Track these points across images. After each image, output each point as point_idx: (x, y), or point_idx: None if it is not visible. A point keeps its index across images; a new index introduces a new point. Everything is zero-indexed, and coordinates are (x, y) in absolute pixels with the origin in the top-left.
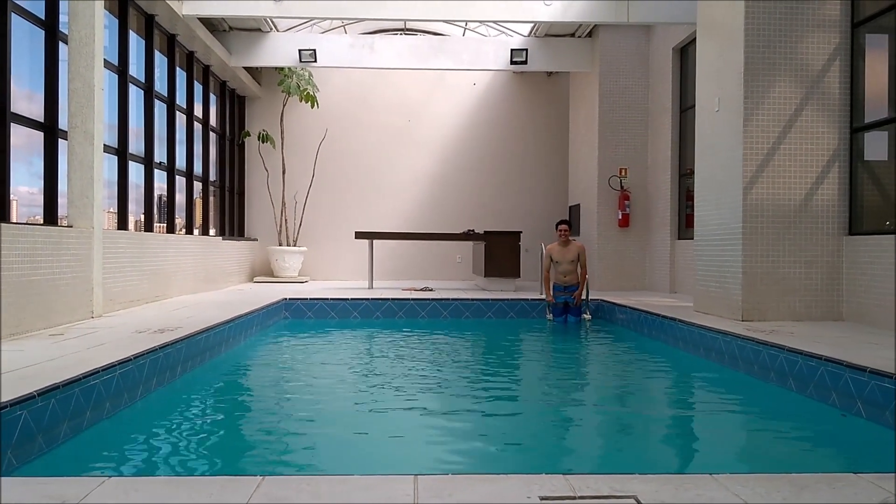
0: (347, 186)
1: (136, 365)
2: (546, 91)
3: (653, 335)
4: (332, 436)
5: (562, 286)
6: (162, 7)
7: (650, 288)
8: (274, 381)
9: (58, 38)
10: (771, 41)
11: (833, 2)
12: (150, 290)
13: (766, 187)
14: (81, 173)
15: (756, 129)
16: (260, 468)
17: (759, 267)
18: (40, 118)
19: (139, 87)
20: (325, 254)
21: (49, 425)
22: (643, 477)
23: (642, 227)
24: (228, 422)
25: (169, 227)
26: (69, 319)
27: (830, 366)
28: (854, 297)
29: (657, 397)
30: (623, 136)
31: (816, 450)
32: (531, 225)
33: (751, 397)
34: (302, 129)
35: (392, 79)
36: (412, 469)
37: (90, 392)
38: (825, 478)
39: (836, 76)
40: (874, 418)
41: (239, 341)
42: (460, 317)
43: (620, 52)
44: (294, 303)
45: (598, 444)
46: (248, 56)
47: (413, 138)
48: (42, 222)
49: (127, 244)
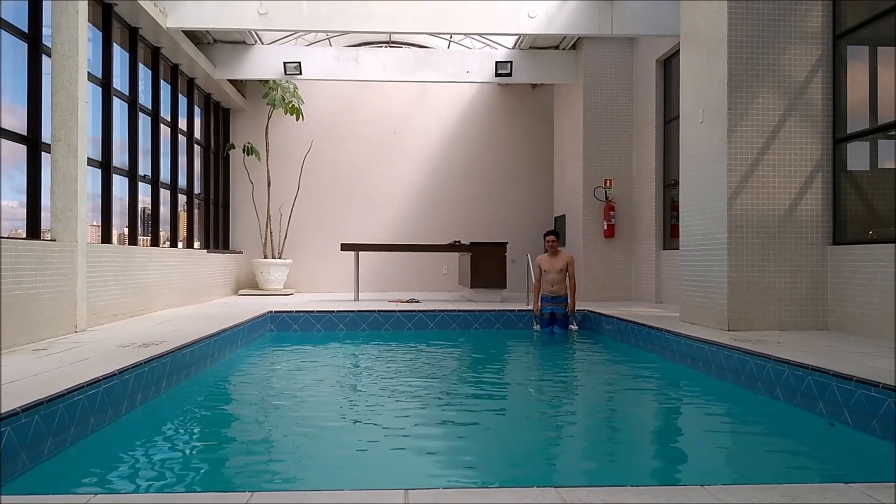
0: (333, 198)
1: (120, 380)
2: (531, 103)
3: (640, 346)
4: (321, 450)
5: (549, 297)
6: (146, 20)
7: (636, 298)
8: (260, 395)
9: (41, 50)
10: (754, 52)
11: (815, 14)
12: (134, 304)
13: (750, 197)
14: (65, 187)
15: (740, 139)
16: (249, 484)
17: (744, 277)
18: (23, 131)
19: (123, 99)
20: (310, 266)
21: (33, 442)
22: (635, 489)
23: (628, 238)
24: (215, 437)
25: (153, 240)
26: (52, 334)
27: (817, 375)
28: (838, 307)
29: (646, 408)
30: (608, 148)
31: (805, 459)
32: (517, 236)
33: (739, 407)
34: (287, 141)
35: (377, 91)
36: (402, 483)
37: (74, 408)
38: (816, 488)
39: (819, 87)
40: (861, 427)
41: (224, 355)
42: (447, 328)
43: (604, 64)
44: (279, 316)
45: (588, 456)
46: (233, 69)
47: (398, 150)
48: (25, 236)
49: (111, 258)
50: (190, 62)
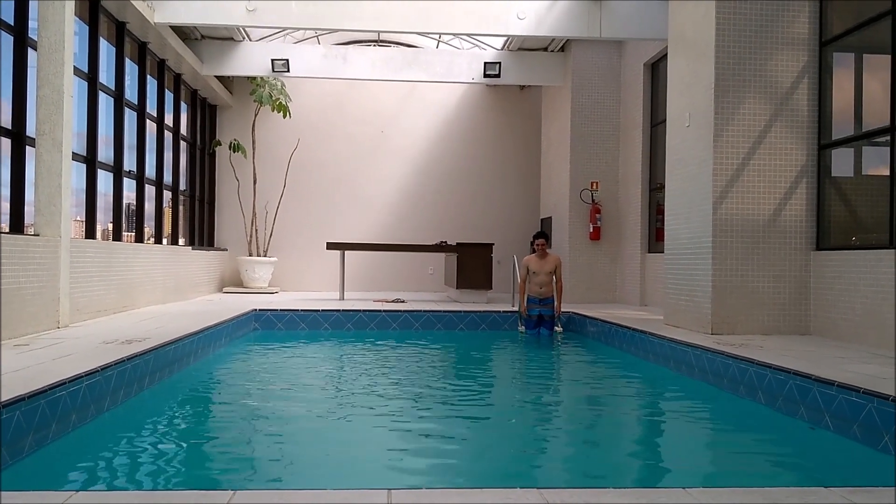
0: (319, 197)
1: (103, 376)
2: (519, 104)
3: (623, 348)
4: (303, 449)
5: (536, 298)
6: (133, 14)
7: (620, 301)
8: (243, 392)
9: (27, 43)
10: (741, 58)
11: (802, 20)
12: (117, 301)
13: (735, 202)
14: (49, 181)
15: (726, 144)
16: (231, 482)
17: (728, 281)
18: (7, 125)
19: (109, 94)
20: (295, 264)
21: (14, 438)
22: (617, 491)
23: (613, 240)
24: (198, 435)
25: (138, 236)
26: (34, 330)
27: (799, 379)
28: (821, 312)
29: (629, 411)
30: (595, 150)
31: (786, 463)
32: (503, 237)
33: (721, 410)
34: (274, 138)
35: (365, 90)
36: (385, 483)
37: (56, 404)
38: (797, 491)
39: (805, 93)
40: (842, 432)
41: (208, 353)
42: (432, 328)
43: (592, 66)
44: (264, 314)
45: (571, 457)
46: (221, 65)
47: (386, 149)
48: (8, 230)
49: (94, 253)
50: (177, 58)
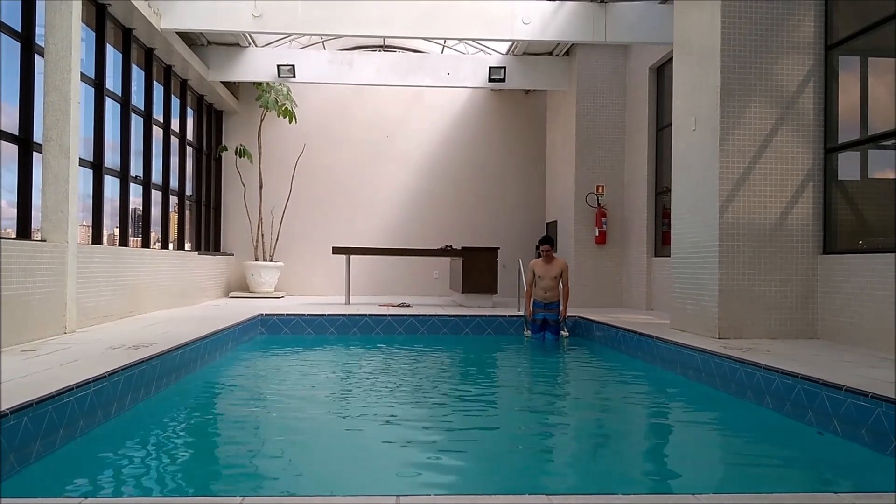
0: (325, 201)
1: (110, 382)
2: (524, 108)
3: (630, 352)
4: (312, 455)
5: (542, 303)
6: (140, 21)
7: (627, 305)
8: (251, 398)
9: (34, 50)
10: (747, 62)
11: (807, 24)
12: (124, 306)
13: (741, 206)
14: (56, 187)
15: (732, 148)
16: (240, 489)
17: (735, 285)
18: (15, 131)
19: (116, 100)
20: (301, 269)
21: (21, 444)
22: (626, 497)
23: (619, 245)
24: (206, 441)
25: (144, 241)
26: (42, 335)
27: (807, 384)
28: (828, 316)
29: (636, 416)
30: (600, 154)
31: (794, 468)
32: (509, 241)
33: (728, 416)
34: (280, 143)
35: (370, 95)
36: (394, 490)
37: (63, 410)
38: (805, 497)
39: (811, 97)
40: (850, 437)
41: (215, 357)
42: (437, 333)
43: (597, 70)
44: (270, 318)
45: (580, 464)
46: (227, 71)
47: (391, 154)
48: (15, 236)
49: (101, 259)
50: (183, 63)
